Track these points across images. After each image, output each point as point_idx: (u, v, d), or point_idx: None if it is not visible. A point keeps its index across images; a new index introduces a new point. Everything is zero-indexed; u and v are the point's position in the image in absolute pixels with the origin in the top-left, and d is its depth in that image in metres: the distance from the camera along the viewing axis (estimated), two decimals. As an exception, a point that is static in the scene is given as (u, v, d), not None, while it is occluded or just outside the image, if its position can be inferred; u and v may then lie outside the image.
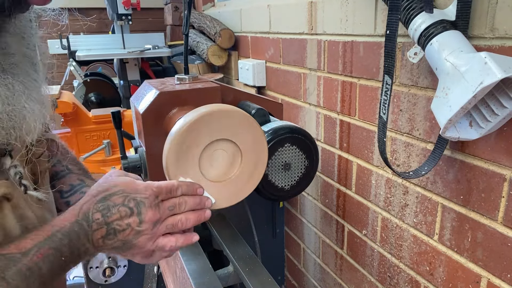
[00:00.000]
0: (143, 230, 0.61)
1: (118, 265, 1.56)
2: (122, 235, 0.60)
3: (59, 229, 0.55)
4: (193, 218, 0.66)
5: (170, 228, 0.64)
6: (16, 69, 0.53)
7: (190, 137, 0.68)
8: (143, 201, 0.61)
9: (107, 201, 0.59)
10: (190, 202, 0.66)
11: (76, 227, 0.56)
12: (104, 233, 0.58)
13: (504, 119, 0.69)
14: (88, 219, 0.58)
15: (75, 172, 0.81)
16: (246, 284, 0.95)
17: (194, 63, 2.07)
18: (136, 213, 0.60)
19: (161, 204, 0.63)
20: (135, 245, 0.61)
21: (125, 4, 2.33)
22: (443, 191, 0.90)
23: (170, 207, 0.64)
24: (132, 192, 0.61)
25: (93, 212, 0.58)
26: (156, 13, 3.62)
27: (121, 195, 0.60)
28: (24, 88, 0.53)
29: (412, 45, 0.85)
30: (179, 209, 0.65)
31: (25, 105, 0.52)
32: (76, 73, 2.12)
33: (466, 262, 0.87)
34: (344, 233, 1.32)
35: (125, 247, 0.61)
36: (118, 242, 0.60)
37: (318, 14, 1.24)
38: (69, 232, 0.56)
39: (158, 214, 0.62)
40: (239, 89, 1.10)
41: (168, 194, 0.64)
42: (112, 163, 1.70)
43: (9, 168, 0.56)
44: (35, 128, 0.54)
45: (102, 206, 0.59)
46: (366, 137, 1.13)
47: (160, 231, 0.63)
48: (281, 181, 0.94)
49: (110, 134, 1.75)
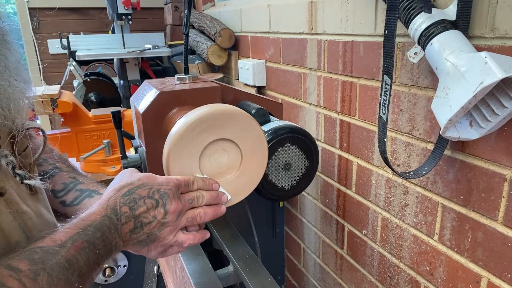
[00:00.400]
0: (168, 221, 0.61)
1: (118, 265, 1.56)
2: (149, 228, 0.60)
3: (90, 223, 0.55)
4: (211, 213, 0.67)
5: (190, 221, 0.65)
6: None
7: (190, 137, 0.68)
8: (167, 192, 0.61)
9: (132, 194, 0.60)
10: (207, 196, 0.67)
11: (106, 221, 0.57)
12: (132, 226, 0.59)
13: (504, 119, 0.69)
14: (117, 213, 0.58)
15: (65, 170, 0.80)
16: (246, 284, 0.95)
17: (194, 63, 2.07)
18: (161, 205, 0.61)
19: (181, 196, 0.64)
20: (158, 238, 0.62)
21: (125, 4, 2.33)
22: (443, 191, 0.90)
23: (189, 200, 0.65)
24: (155, 184, 0.61)
25: (120, 206, 0.58)
26: (156, 13, 3.62)
27: (145, 188, 0.61)
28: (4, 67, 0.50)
29: (412, 45, 0.85)
30: (197, 203, 0.66)
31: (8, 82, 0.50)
32: (76, 73, 2.11)
33: (466, 262, 0.87)
34: (344, 233, 1.31)
35: (149, 239, 0.62)
36: (144, 235, 0.60)
37: (318, 14, 1.24)
38: (101, 226, 0.56)
39: (181, 204, 0.63)
40: (239, 89, 1.10)
41: (186, 187, 0.65)
42: (112, 163, 1.70)
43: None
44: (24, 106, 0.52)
45: (128, 199, 0.59)
46: (366, 137, 1.13)
47: (181, 223, 0.64)
48: (281, 181, 0.94)
49: (110, 134, 1.75)
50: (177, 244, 0.65)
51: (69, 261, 0.50)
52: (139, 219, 0.59)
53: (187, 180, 0.66)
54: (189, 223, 0.65)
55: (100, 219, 0.56)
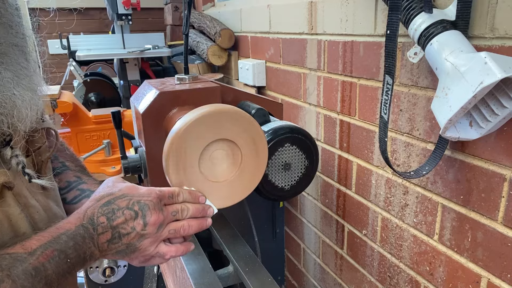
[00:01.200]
0: (147, 233, 0.61)
1: (118, 265, 1.56)
2: (127, 239, 0.60)
3: (64, 232, 0.55)
4: (195, 225, 0.67)
5: (173, 233, 0.64)
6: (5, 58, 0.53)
7: (190, 137, 0.68)
8: (147, 203, 0.61)
9: (111, 204, 0.60)
10: (192, 209, 0.67)
11: (81, 230, 0.57)
12: (109, 237, 0.59)
13: (504, 119, 0.69)
14: (94, 223, 0.58)
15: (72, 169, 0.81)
16: (246, 284, 0.95)
17: (194, 63, 2.07)
18: (140, 216, 0.60)
19: (164, 208, 0.63)
20: (138, 249, 0.62)
21: (125, 4, 2.33)
22: (443, 191, 0.90)
23: (173, 212, 0.64)
24: (135, 195, 0.61)
25: (98, 216, 0.58)
26: (156, 13, 3.62)
27: (125, 199, 0.60)
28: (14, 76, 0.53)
29: (412, 45, 0.85)
30: (181, 215, 0.65)
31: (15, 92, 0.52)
32: (76, 73, 2.11)
33: (466, 262, 0.87)
34: (344, 233, 1.32)
35: (128, 250, 0.61)
36: (123, 246, 0.60)
37: (318, 14, 1.24)
38: (74, 235, 0.56)
39: (162, 216, 0.62)
40: (239, 89, 1.10)
41: (170, 199, 0.65)
42: (112, 163, 1.70)
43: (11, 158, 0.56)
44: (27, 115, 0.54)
45: (107, 210, 0.59)
46: (366, 137, 1.13)
47: (163, 235, 0.63)
48: (281, 181, 0.94)
49: (110, 134, 1.75)
50: (159, 255, 0.64)
51: (36, 269, 0.51)
52: (116, 229, 0.59)
53: (172, 192, 0.65)
54: (172, 235, 0.65)
55: (74, 228, 0.56)
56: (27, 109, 0.54)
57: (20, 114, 0.53)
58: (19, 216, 0.56)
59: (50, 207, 0.63)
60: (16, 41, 0.55)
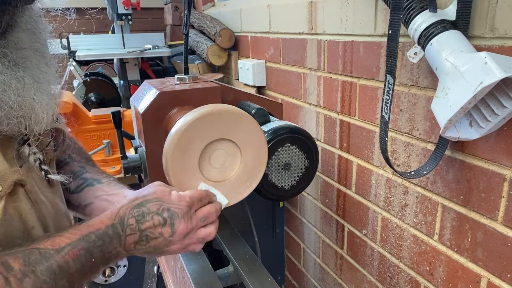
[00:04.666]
0: (175, 240, 0.63)
1: (118, 265, 1.56)
2: (154, 242, 0.62)
3: (94, 231, 0.58)
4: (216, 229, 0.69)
5: (201, 241, 0.67)
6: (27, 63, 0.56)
7: (190, 137, 0.68)
8: (177, 212, 0.63)
9: (142, 207, 0.61)
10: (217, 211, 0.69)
11: (110, 231, 0.59)
12: (136, 238, 0.61)
13: (504, 119, 0.69)
14: (123, 224, 0.60)
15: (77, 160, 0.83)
16: (246, 284, 0.95)
17: (194, 63, 2.07)
18: (169, 224, 0.62)
19: (194, 215, 0.65)
20: (166, 251, 0.64)
21: (125, 4, 2.33)
22: (443, 191, 0.90)
23: (202, 218, 0.66)
24: (166, 201, 0.63)
25: (128, 218, 0.60)
26: (156, 13, 3.62)
27: (157, 203, 0.62)
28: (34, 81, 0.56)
29: (412, 45, 0.85)
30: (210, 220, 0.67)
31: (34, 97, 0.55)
32: (76, 73, 2.11)
33: (466, 262, 0.87)
34: (344, 233, 1.32)
35: (156, 252, 0.64)
36: (150, 248, 0.62)
37: (318, 14, 1.24)
38: (103, 235, 0.58)
39: (190, 226, 0.64)
40: (239, 89, 1.10)
41: (199, 203, 0.67)
42: (112, 163, 1.70)
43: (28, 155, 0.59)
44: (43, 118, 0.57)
45: (137, 212, 0.61)
46: (366, 137, 1.13)
47: (191, 242, 0.66)
48: (281, 181, 0.94)
49: (110, 134, 1.75)
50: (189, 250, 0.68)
51: (60, 267, 0.53)
52: (144, 233, 0.61)
53: (200, 197, 0.67)
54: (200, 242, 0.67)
55: (105, 228, 0.58)
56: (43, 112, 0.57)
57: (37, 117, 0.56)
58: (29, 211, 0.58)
59: (56, 202, 0.66)
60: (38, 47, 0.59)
